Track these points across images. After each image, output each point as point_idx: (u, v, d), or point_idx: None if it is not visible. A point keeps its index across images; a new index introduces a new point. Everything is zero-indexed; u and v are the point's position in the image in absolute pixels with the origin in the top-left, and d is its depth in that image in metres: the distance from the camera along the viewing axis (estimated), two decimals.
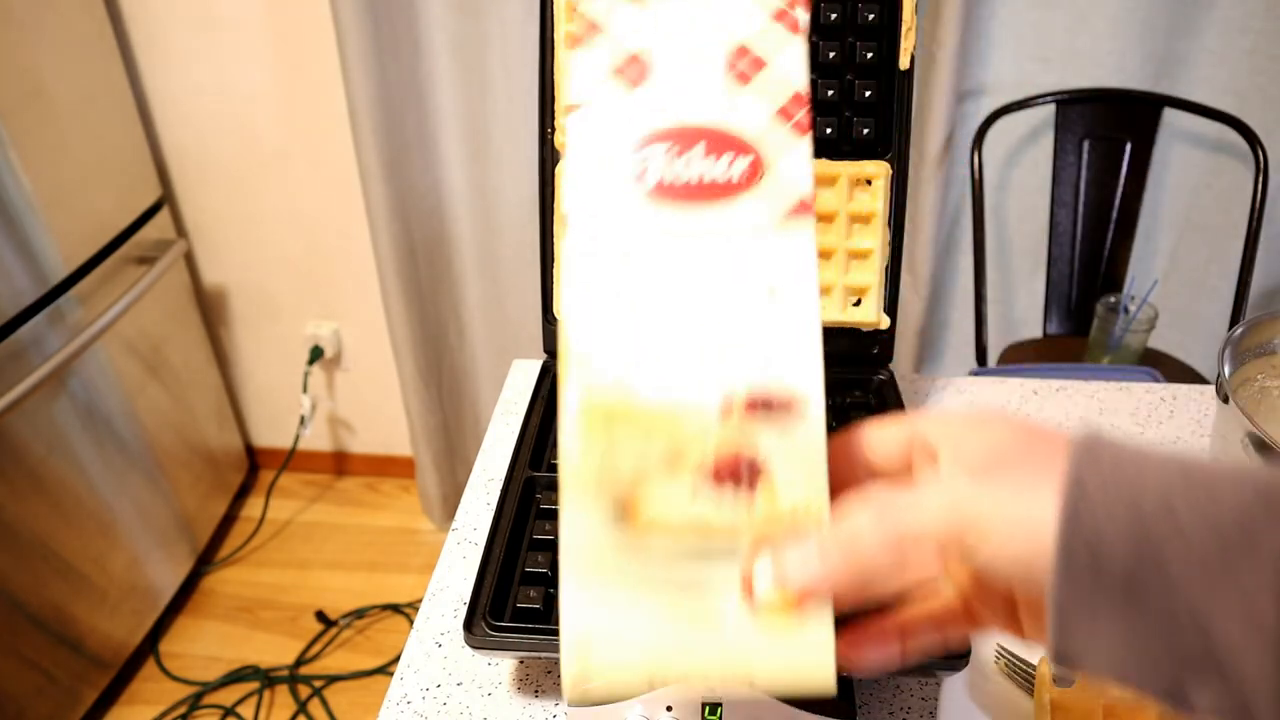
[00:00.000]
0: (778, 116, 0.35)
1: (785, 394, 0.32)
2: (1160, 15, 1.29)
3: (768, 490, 0.31)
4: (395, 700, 0.55)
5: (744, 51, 0.35)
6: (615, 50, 0.35)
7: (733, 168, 0.34)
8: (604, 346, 0.33)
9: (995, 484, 0.28)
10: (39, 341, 1.29)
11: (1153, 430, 0.75)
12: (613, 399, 0.32)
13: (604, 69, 0.35)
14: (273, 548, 1.82)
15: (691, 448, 0.32)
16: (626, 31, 0.35)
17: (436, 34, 1.37)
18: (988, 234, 1.44)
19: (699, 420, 0.32)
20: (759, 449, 0.32)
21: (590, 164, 0.34)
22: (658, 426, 0.32)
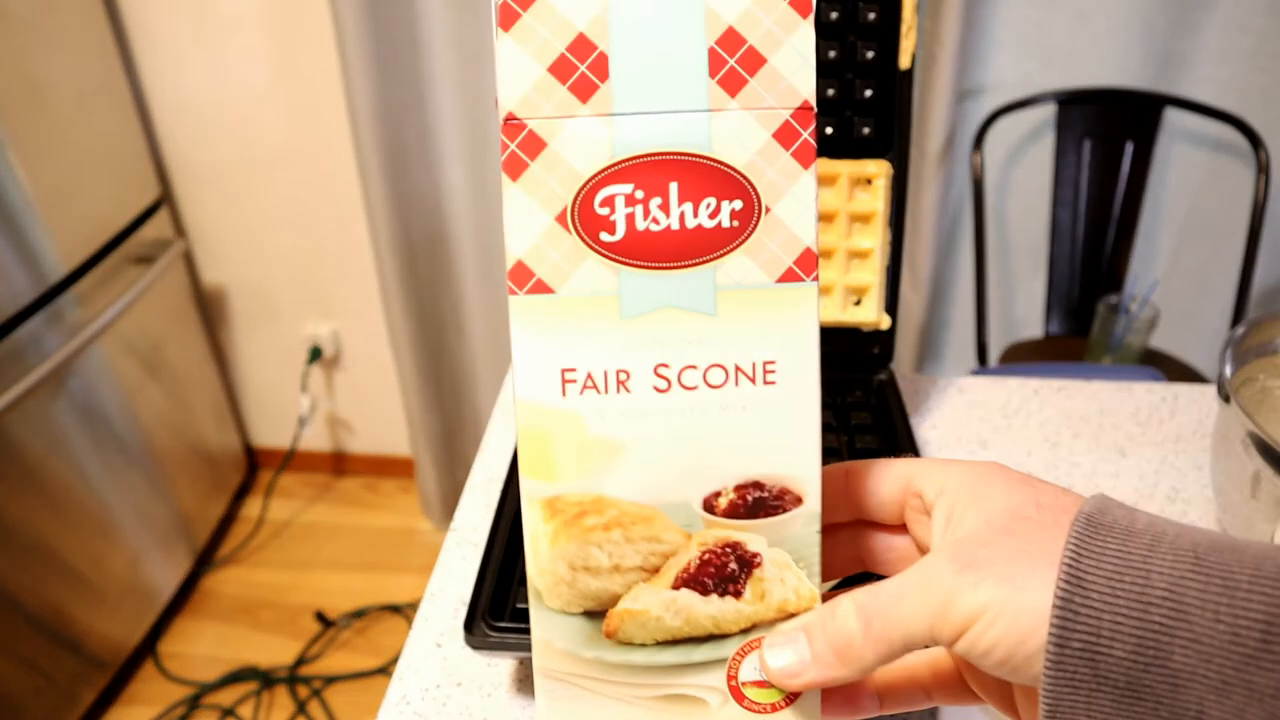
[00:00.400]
0: (776, 140, 0.27)
1: (779, 486, 0.29)
2: (1161, 14, 1.29)
3: (756, 585, 0.29)
4: (394, 701, 0.55)
5: (734, 40, 0.27)
6: (558, 30, 0.26)
7: (716, 216, 0.27)
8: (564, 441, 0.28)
9: (985, 573, 0.25)
10: (38, 341, 1.29)
11: (1153, 430, 0.75)
12: (581, 498, 0.29)
13: (543, 61, 0.27)
14: (272, 548, 1.81)
15: (674, 543, 0.29)
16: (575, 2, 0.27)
17: (436, 34, 1.37)
18: (988, 233, 1.44)
19: (682, 516, 0.29)
20: (748, 544, 0.29)
21: (534, 208, 0.27)
22: (635, 523, 0.29)
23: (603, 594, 0.29)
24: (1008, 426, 0.76)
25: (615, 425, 0.28)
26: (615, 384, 0.28)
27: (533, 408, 0.28)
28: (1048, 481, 0.28)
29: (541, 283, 0.27)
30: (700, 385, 0.28)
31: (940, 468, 0.30)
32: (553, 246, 0.27)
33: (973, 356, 1.46)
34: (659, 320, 0.28)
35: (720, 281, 0.28)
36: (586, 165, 0.27)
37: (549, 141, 0.27)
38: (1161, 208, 1.45)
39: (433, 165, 1.49)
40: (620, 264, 0.27)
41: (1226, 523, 0.61)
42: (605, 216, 0.27)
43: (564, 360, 0.28)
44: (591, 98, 0.27)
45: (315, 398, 1.88)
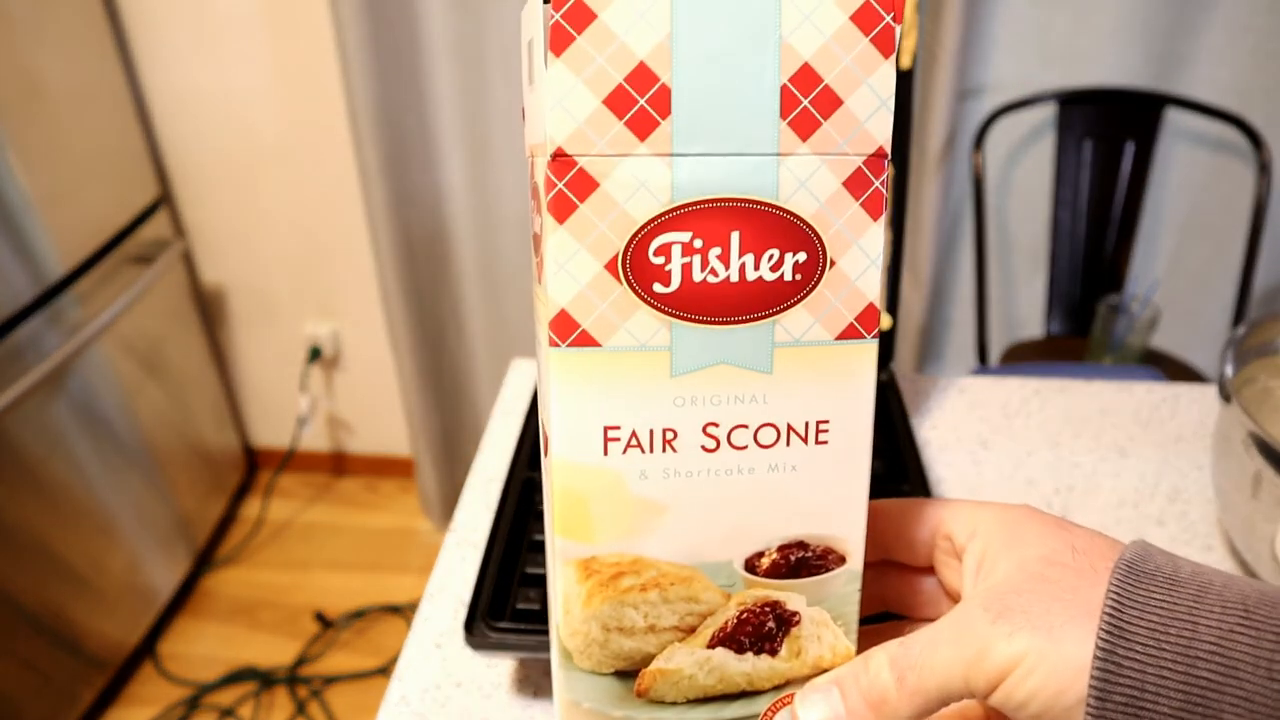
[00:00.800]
0: (847, 188, 0.25)
1: (823, 546, 0.28)
2: (1162, 14, 1.29)
3: (793, 643, 0.28)
4: (394, 701, 0.55)
5: (809, 78, 0.24)
6: (616, 57, 0.23)
7: (779, 269, 0.25)
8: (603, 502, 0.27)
9: (1020, 622, 0.24)
10: (37, 341, 1.29)
11: (1154, 430, 0.75)
12: (619, 558, 0.27)
13: (599, 92, 0.24)
14: (271, 548, 1.81)
15: (712, 603, 0.28)
16: (635, 24, 0.23)
17: (436, 34, 1.37)
18: (989, 233, 1.44)
19: (722, 576, 0.28)
20: (788, 603, 0.28)
21: (582, 254, 0.25)
22: (673, 584, 0.28)
23: (636, 654, 0.28)
24: (1008, 426, 0.75)
25: (658, 486, 0.27)
26: (661, 443, 0.26)
27: (572, 467, 0.26)
28: (1082, 525, 0.27)
29: (587, 334, 0.25)
30: (750, 445, 0.27)
31: (971, 510, 0.29)
32: (600, 296, 0.25)
33: (973, 356, 1.46)
34: (711, 378, 0.26)
35: (779, 338, 0.26)
36: (641, 210, 0.24)
37: (601, 181, 0.24)
38: (1162, 207, 1.45)
39: (433, 165, 1.49)
40: (673, 317, 0.25)
41: (1227, 523, 0.61)
42: (660, 266, 0.25)
43: (608, 418, 0.26)
44: (650, 135, 0.24)
45: (315, 398, 1.88)
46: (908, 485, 0.65)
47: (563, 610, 0.27)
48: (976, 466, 0.71)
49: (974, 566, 0.27)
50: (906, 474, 0.66)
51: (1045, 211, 1.43)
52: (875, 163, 0.25)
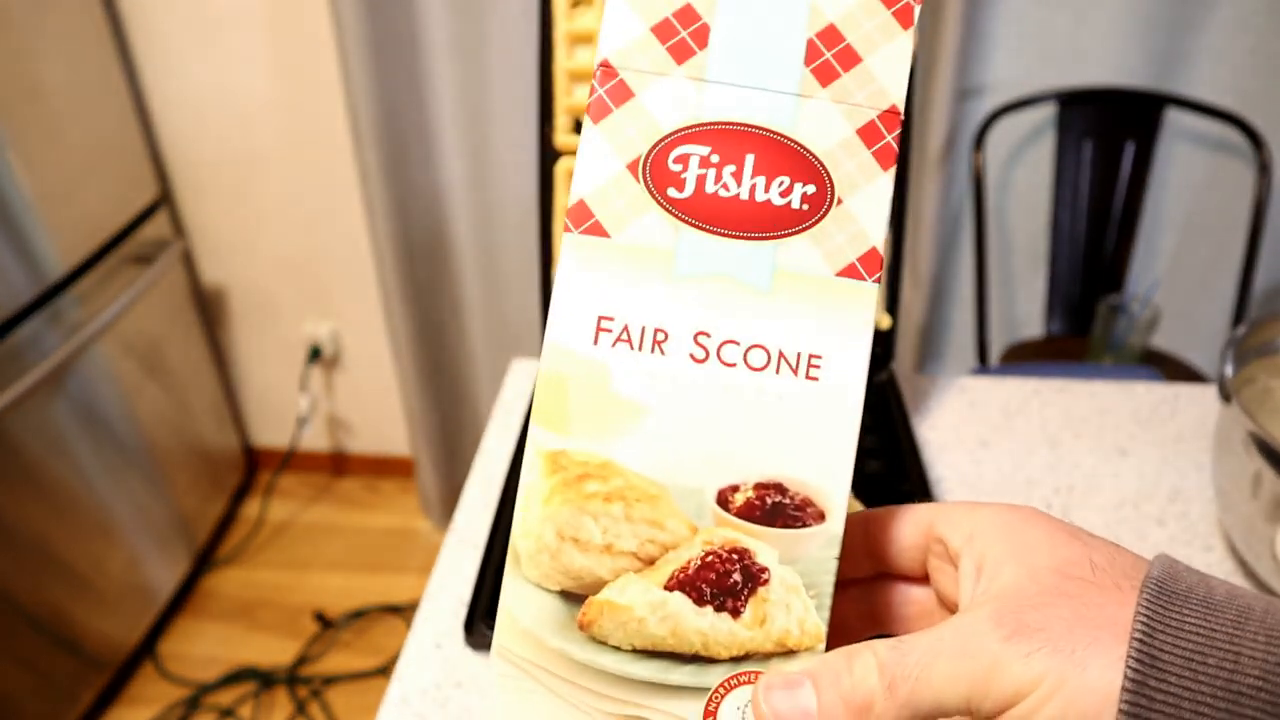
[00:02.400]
0: (860, 136, 0.27)
1: (802, 495, 0.26)
2: (1162, 14, 1.29)
3: (758, 607, 0.26)
4: (394, 701, 0.55)
5: (833, 36, 0.27)
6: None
7: (788, 196, 0.27)
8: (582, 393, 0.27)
9: (1039, 641, 0.22)
10: (37, 341, 1.29)
11: (1154, 430, 0.75)
12: (588, 459, 0.26)
13: (649, 21, 0.27)
14: (271, 548, 1.81)
15: (677, 534, 0.27)
16: None
17: (436, 34, 1.37)
18: (989, 233, 1.44)
19: (692, 504, 0.26)
20: (758, 554, 0.26)
21: (608, 153, 0.27)
22: (639, 500, 0.26)
23: (586, 575, 0.27)
24: (1008, 426, 0.75)
25: (641, 385, 0.26)
26: (651, 342, 0.27)
27: (559, 351, 0.27)
28: (1095, 535, 0.25)
29: (599, 225, 0.27)
30: (739, 363, 0.26)
31: (966, 510, 0.27)
32: (618, 193, 0.27)
33: (973, 356, 1.46)
34: (710, 285, 0.27)
35: (780, 261, 0.27)
36: (669, 121, 0.27)
37: (637, 92, 0.27)
38: (1162, 207, 1.45)
39: (433, 165, 1.49)
40: (682, 221, 0.27)
41: (1227, 523, 0.61)
42: (677, 173, 0.27)
43: (603, 306, 0.26)
44: (687, 61, 0.27)
45: (315, 398, 1.88)
46: (908, 485, 0.65)
47: (522, 505, 0.27)
48: (976, 466, 0.71)
49: (972, 571, 0.25)
50: (906, 474, 0.66)
51: (1045, 211, 1.43)
52: (889, 118, 0.27)
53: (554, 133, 0.65)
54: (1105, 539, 0.25)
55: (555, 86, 0.65)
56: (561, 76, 0.64)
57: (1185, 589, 0.22)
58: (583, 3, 0.63)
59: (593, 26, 0.62)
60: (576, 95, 0.64)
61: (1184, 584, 0.22)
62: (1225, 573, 0.62)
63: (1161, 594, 0.22)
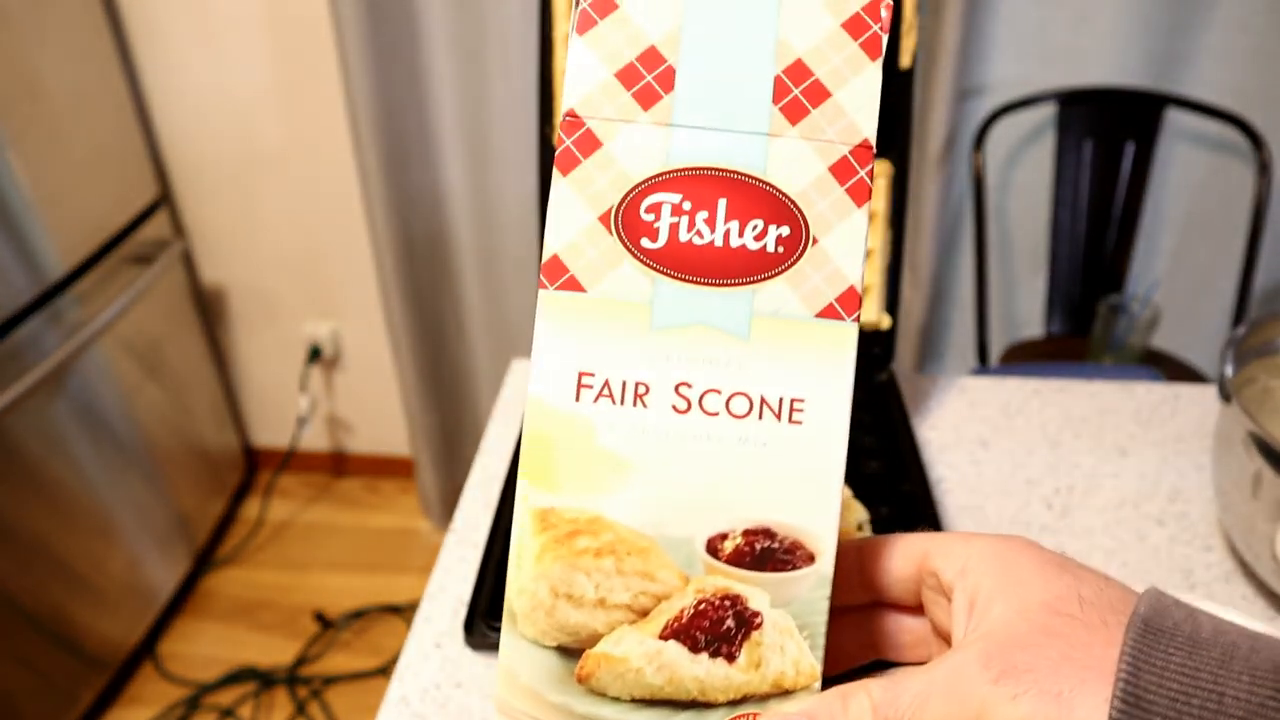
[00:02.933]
0: (832, 173, 0.27)
1: (791, 538, 0.27)
2: (1162, 14, 1.29)
3: (752, 650, 0.26)
4: (394, 701, 0.55)
5: (801, 71, 0.27)
6: (631, 40, 0.27)
7: (762, 239, 0.26)
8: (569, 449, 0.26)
9: (1026, 683, 0.22)
10: (36, 341, 1.29)
11: (1154, 430, 0.75)
12: (577, 515, 0.27)
13: (612, 67, 0.27)
14: (271, 548, 1.81)
15: (669, 585, 0.27)
16: (651, 15, 0.27)
17: (436, 34, 1.37)
18: (989, 233, 1.44)
19: (682, 554, 0.26)
20: (750, 600, 0.27)
21: (579, 205, 0.27)
22: (630, 553, 0.26)
23: (582, 630, 0.27)
24: (1008, 426, 0.75)
25: (626, 440, 0.26)
26: (633, 396, 0.26)
27: (543, 408, 0.27)
28: (1084, 565, 0.25)
29: (574, 280, 0.27)
30: (722, 412, 0.26)
31: (959, 543, 0.27)
32: (591, 245, 0.27)
33: (973, 356, 1.46)
34: (689, 336, 0.26)
35: (758, 307, 0.26)
36: (638, 170, 0.27)
37: (605, 142, 0.27)
38: (1162, 207, 1.45)
39: (433, 165, 1.49)
40: (657, 272, 0.26)
41: (1227, 523, 0.61)
42: (649, 223, 0.26)
43: (583, 362, 0.26)
44: (653, 106, 0.27)
45: (315, 398, 1.88)
46: (908, 485, 0.65)
47: (515, 564, 0.27)
48: (976, 466, 0.71)
49: (965, 606, 0.25)
50: (907, 474, 0.66)
51: (1045, 211, 1.43)
52: (861, 153, 0.27)
53: (554, 133, 0.65)
54: (1094, 571, 0.25)
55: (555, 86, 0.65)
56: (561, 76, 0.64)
57: (1171, 626, 0.22)
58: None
59: None
60: None
61: (1170, 620, 0.22)
62: (1225, 573, 0.62)
63: (1147, 633, 0.22)
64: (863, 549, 0.29)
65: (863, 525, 0.60)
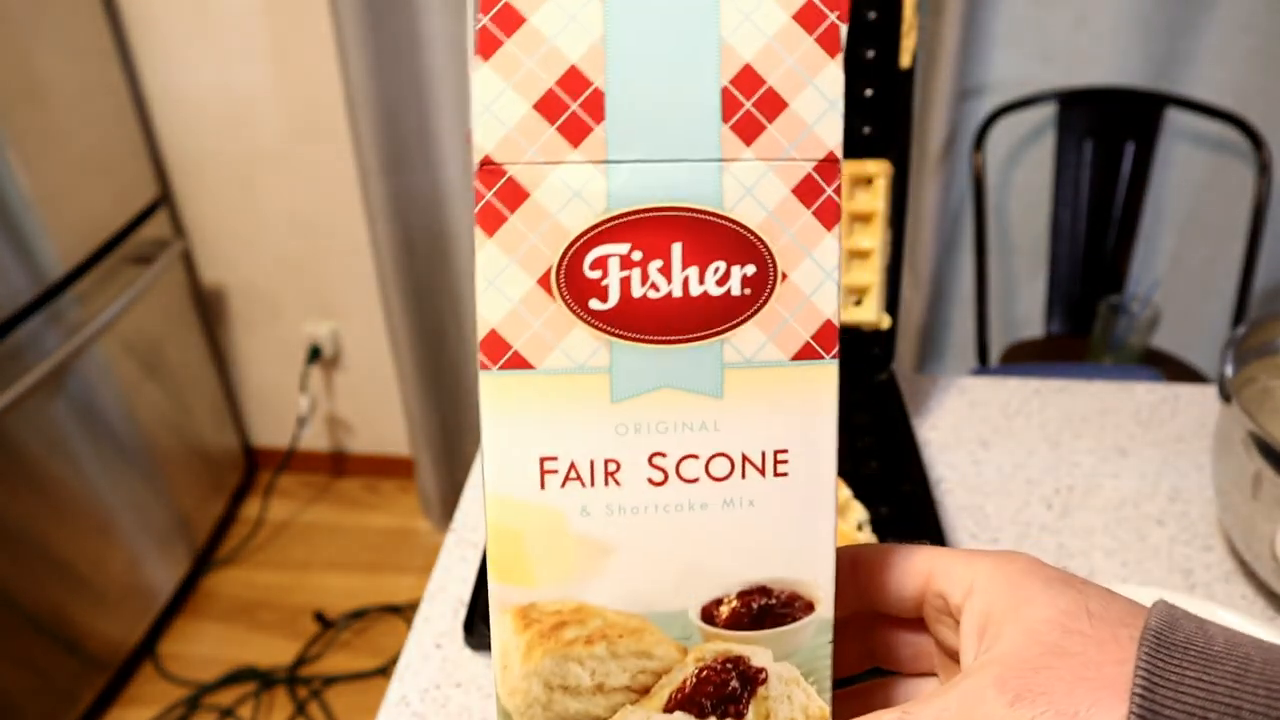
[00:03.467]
0: (796, 195, 0.23)
1: (788, 591, 0.25)
2: (1162, 14, 1.29)
3: (760, 705, 0.26)
4: (394, 701, 0.55)
5: (751, 80, 0.23)
6: (546, 61, 0.22)
7: (726, 283, 0.23)
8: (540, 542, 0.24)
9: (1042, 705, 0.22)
10: (36, 341, 1.29)
11: (1154, 430, 0.75)
12: (560, 606, 0.25)
13: (529, 97, 0.22)
14: (271, 548, 1.81)
15: (667, 659, 0.25)
16: (566, 27, 0.22)
17: (436, 33, 1.37)
18: (989, 233, 1.44)
19: (677, 627, 0.25)
20: (752, 658, 0.25)
21: (513, 269, 0.23)
22: (622, 636, 0.25)
23: (583, 717, 0.25)
24: (1008, 426, 0.75)
25: (602, 523, 0.24)
26: (604, 475, 0.24)
27: (505, 502, 0.24)
28: (1090, 581, 0.25)
29: (519, 356, 0.23)
30: (702, 477, 0.24)
31: (964, 562, 0.26)
32: (533, 314, 0.23)
33: (973, 356, 1.46)
34: (656, 403, 0.24)
35: (729, 358, 0.24)
36: (575, 220, 0.23)
37: (532, 191, 0.23)
38: (1162, 207, 1.45)
39: (433, 165, 1.49)
40: (613, 336, 0.23)
41: (1227, 523, 0.61)
42: (596, 281, 0.23)
43: (543, 448, 0.24)
44: (584, 141, 0.23)
45: (315, 398, 1.88)
46: (908, 485, 0.65)
47: (500, 665, 0.25)
48: (976, 466, 0.71)
49: (974, 630, 0.25)
50: (907, 474, 0.66)
51: (1045, 211, 1.43)
52: (827, 169, 0.24)
53: None
54: (1098, 585, 0.25)
55: None
56: None
57: (1184, 640, 0.22)
58: None
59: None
60: None
61: (1182, 634, 0.22)
62: (1225, 573, 0.62)
63: (1160, 647, 0.22)
64: (858, 562, 0.28)
65: (862, 525, 0.60)
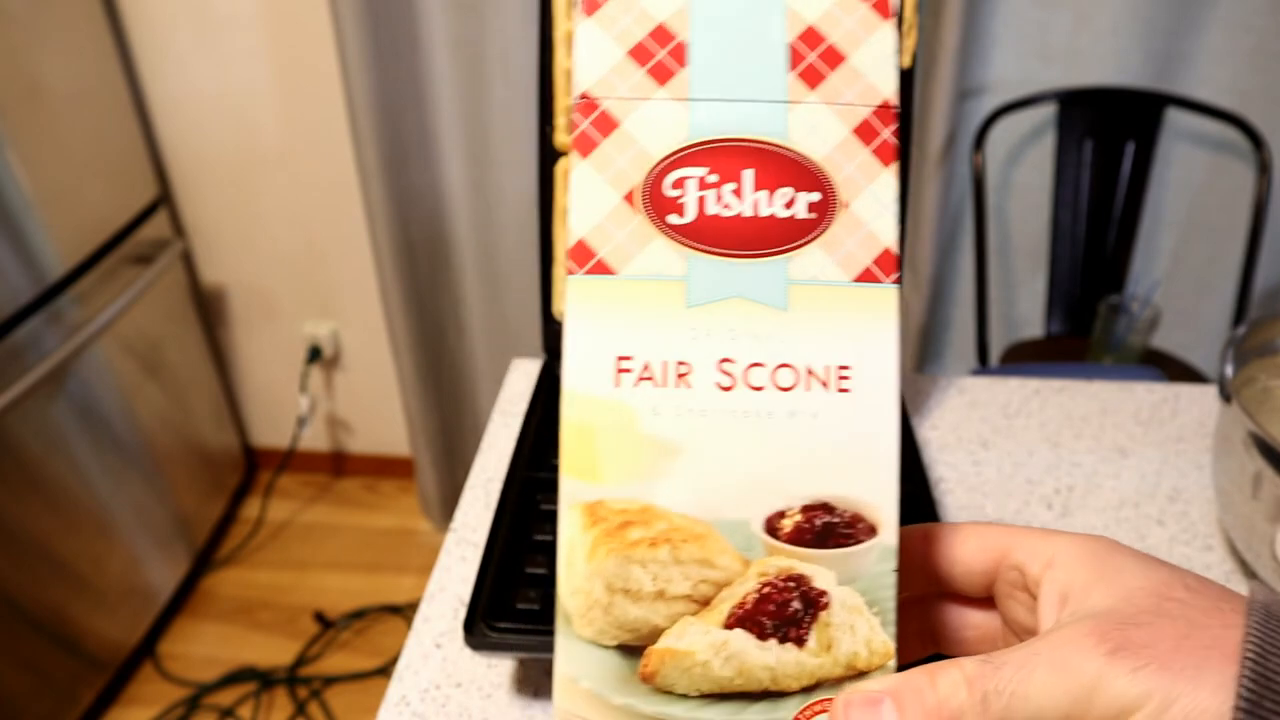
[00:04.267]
0: (856, 135, 0.26)
1: (851, 512, 0.25)
2: (1163, 13, 1.29)
3: (822, 632, 0.25)
4: (394, 701, 0.55)
5: (814, 37, 0.26)
6: (640, 19, 0.27)
7: (792, 207, 0.26)
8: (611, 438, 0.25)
9: (1145, 658, 0.21)
10: (36, 341, 1.29)
11: (1155, 430, 0.75)
12: (627, 505, 0.26)
13: (624, 46, 0.27)
14: (271, 548, 1.81)
15: (729, 570, 0.26)
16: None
17: (436, 34, 1.37)
18: (989, 233, 1.44)
19: (740, 537, 0.25)
20: (815, 579, 0.25)
21: (602, 186, 0.26)
22: (686, 541, 0.25)
23: (642, 625, 0.25)
24: (1008, 426, 0.75)
25: (671, 423, 0.25)
26: (674, 377, 0.26)
27: (581, 398, 0.25)
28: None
29: (603, 263, 0.26)
30: (768, 385, 0.26)
31: (1044, 537, 0.26)
32: (618, 226, 0.26)
33: (973, 356, 1.46)
34: (726, 311, 0.26)
35: (793, 275, 0.26)
36: (659, 146, 0.26)
37: (621, 121, 0.26)
38: (1163, 207, 1.45)
39: (433, 165, 1.49)
40: (689, 248, 0.26)
41: (1227, 523, 0.61)
42: (675, 199, 0.26)
43: (620, 347, 0.26)
44: (669, 81, 0.26)
45: (314, 398, 1.88)
46: (908, 485, 0.65)
47: (566, 563, 0.25)
48: (976, 466, 0.71)
49: (1056, 598, 0.24)
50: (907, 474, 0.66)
51: (1045, 211, 1.43)
52: (883, 113, 0.26)
53: (554, 133, 0.65)
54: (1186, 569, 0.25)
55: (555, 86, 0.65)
56: (561, 76, 0.64)
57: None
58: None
59: None
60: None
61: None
62: (1225, 573, 0.62)
63: (1269, 618, 0.22)
64: (926, 535, 0.28)
65: None
